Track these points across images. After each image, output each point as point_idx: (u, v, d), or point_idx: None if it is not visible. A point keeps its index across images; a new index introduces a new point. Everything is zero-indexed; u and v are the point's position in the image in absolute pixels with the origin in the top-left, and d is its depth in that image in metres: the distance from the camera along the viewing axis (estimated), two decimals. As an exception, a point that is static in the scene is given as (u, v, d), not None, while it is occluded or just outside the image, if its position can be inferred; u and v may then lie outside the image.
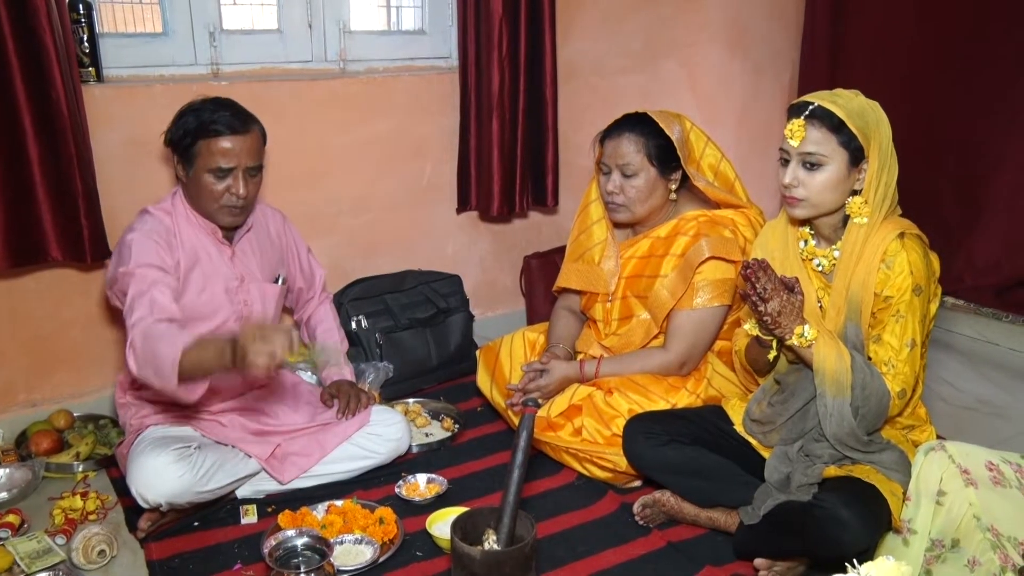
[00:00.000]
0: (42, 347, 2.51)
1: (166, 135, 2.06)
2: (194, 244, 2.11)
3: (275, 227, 2.34)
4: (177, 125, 2.03)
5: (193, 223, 2.12)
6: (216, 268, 2.14)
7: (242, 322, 1.94)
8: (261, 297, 2.23)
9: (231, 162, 2.01)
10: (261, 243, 2.27)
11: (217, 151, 2.00)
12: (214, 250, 2.14)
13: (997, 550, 1.74)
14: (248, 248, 2.23)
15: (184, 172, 2.05)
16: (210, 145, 1.99)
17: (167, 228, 2.07)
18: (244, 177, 2.04)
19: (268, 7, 2.76)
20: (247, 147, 2.03)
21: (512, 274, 3.33)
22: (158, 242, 2.03)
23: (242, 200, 2.06)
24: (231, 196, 2.05)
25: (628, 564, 1.99)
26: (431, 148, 3.02)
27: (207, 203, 2.06)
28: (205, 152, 2.00)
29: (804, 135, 1.80)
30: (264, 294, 2.24)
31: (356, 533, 1.99)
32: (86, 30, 2.37)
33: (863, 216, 1.84)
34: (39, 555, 1.92)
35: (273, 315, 2.28)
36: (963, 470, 1.79)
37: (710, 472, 2.06)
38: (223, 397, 2.21)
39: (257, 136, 2.07)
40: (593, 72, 3.28)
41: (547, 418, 2.33)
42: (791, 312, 1.81)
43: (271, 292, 2.27)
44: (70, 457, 2.32)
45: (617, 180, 2.33)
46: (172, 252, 2.06)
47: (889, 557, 1.22)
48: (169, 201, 2.13)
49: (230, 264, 2.17)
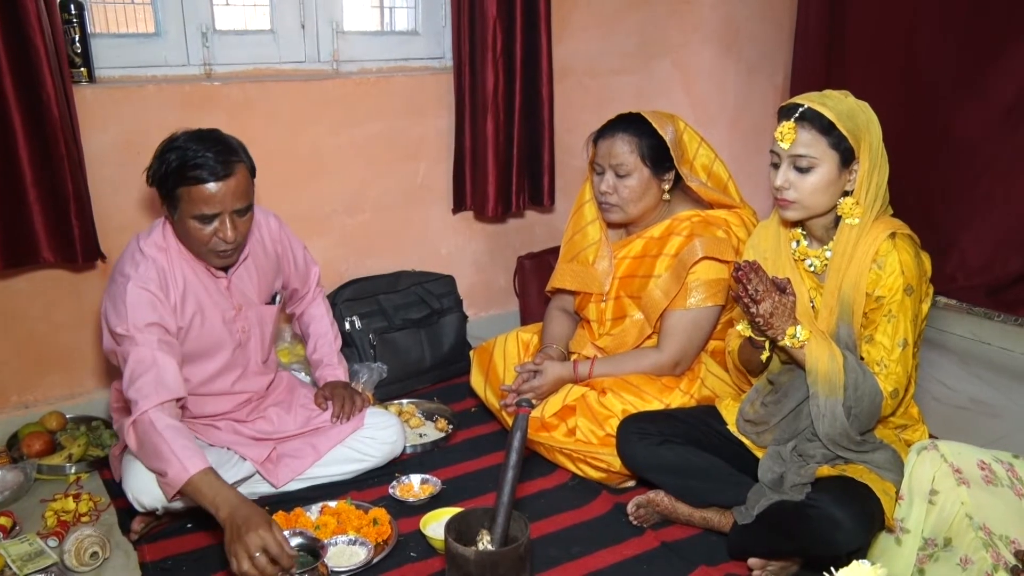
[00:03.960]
0: (34, 348, 2.50)
1: (148, 173, 1.94)
2: (188, 279, 2.04)
3: (271, 237, 2.25)
4: (160, 163, 1.90)
5: (186, 256, 2.03)
6: (213, 300, 2.08)
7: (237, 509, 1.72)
8: (259, 321, 2.20)
9: (215, 208, 1.89)
10: (258, 265, 2.19)
11: (199, 198, 1.87)
12: (209, 283, 2.07)
13: (989, 549, 1.74)
14: (244, 275, 2.15)
15: (169, 214, 1.96)
16: (191, 192, 1.87)
17: (160, 268, 1.98)
18: (231, 220, 1.92)
19: (261, 7, 2.75)
20: (232, 190, 1.89)
21: (506, 275, 3.33)
22: (154, 293, 1.94)
23: (231, 244, 1.95)
24: (219, 240, 1.94)
25: (622, 564, 2.00)
26: (425, 149, 3.02)
27: (196, 247, 1.97)
28: (187, 198, 1.88)
29: (794, 137, 1.81)
30: (262, 317, 2.21)
31: (350, 534, 1.99)
32: (78, 30, 2.37)
33: (855, 217, 1.84)
34: (31, 557, 1.91)
35: (271, 333, 2.26)
36: (955, 469, 1.80)
37: (704, 472, 2.06)
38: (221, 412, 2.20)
39: (243, 175, 1.93)
40: (586, 72, 3.28)
41: (541, 418, 2.33)
42: (783, 313, 1.82)
43: (268, 314, 2.23)
44: (62, 459, 2.31)
45: (610, 180, 2.33)
46: (168, 296, 1.98)
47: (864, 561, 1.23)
48: (160, 233, 2.02)
49: (226, 294, 2.11)
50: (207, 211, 1.89)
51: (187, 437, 1.85)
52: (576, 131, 3.09)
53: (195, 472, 1.78)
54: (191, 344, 2.06)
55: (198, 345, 2.08)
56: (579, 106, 3.26)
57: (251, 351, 2.20)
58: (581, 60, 3.25)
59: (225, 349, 2.13)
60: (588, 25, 3.23)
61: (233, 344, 2.14)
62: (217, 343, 2.11)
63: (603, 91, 3.32)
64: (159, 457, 1.82)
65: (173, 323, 1.99)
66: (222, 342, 2.12)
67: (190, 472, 1.78)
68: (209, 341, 2.10)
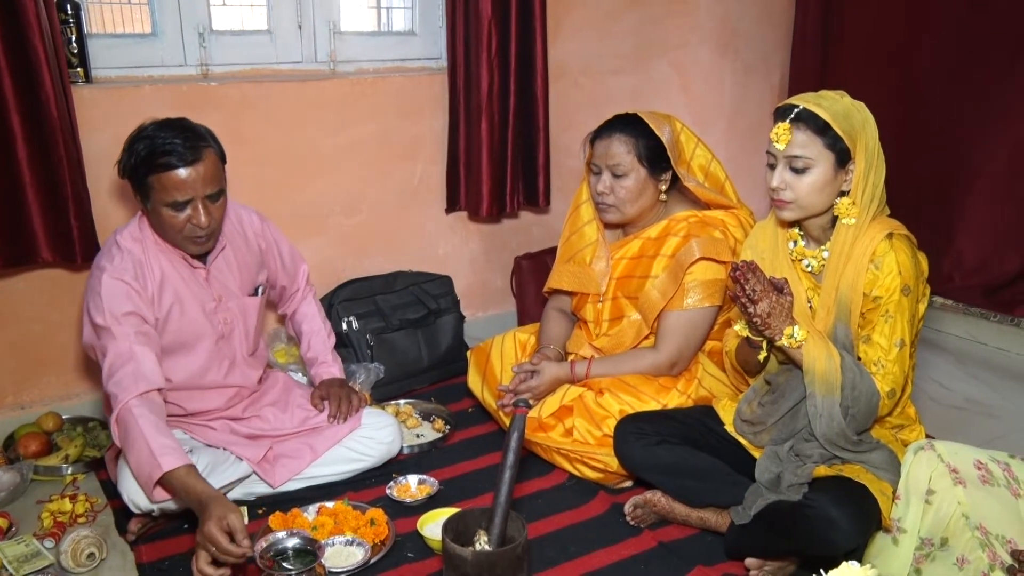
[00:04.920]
0: (31, 349, 2.50)
1: (119, 165, 1.95)
2: (165, 270, 2.04)
3: (252, 231, 2.26)
4: (129, 154, 1.92)
5: (163, 248, 2.04)
6: (191, 291, 2.08)
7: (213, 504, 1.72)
8: (242, 313, 2.20)
9: (187, 194, 1.90)
10: (238, 256, 2.20)
11: (170, 184, 1.89)
12: (187, 273, 2.08)
13: (986, 548, 1.75)
14: (223, 266, 2.15)
15: (142, 204, 1.97)
16: (162, 179, 1.88)
17: (136, 260, 1.99)
18: (204, 206, 1.94)
19: (258, 8, 2.75)
20: (202, 175, 1.91)
21: (503, 275, 3.33)
22: (129, 283, 1.96)
23: (205, 229, 1.96)
24: (193, 227, 1.95)
25: (619, 564, 2.00)
26: (422, 149, 3.02)
27: (171, 235, 1.98)
28: (158, 186, 1.89)
29: (790, 138, 1.81)
30: (244, 309, 2.21)
31: (347, 534, 1.99)
32: (74, 31, 2.36)
33: (851, 217, 1.84)
34: (27, 558, 1.91)
35: (255, 325, 2.25)
36: (952, 469, 1.80)
37: (701, 472, 2.06)
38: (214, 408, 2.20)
39: (212, 160, 1.94)
40: (583, 73, 3.29)
41: (538, 419, 2.33)
42: (780, 313, 1.82)
43: (251, 306, 2.23)
44: (59, 460, 2.31)
45: (607, 181, 2.33)
46: (145, 287, 1.99)
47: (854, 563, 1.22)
48: (136, 225, 2.04)
49: (205, 285, 2.11)
50: (179, 197, 1.90)
51: (166, 435, 1.85)
52: (572, 131, 3.09)
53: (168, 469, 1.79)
54: (171, 335, 2.06)
55: (178, 336, 2.07)
56: (575, 106, 3.26)
57: (236, 343, 2.20)
58: (577, 60, 3.25)
59: (206, 340, 2.12)
60: (584, 25, 3.23)
61: (215, 335, 2.13)
62: (198, 334, 2.11)
63: (599, 91, 3.32)
64: (137, 452, 1.82)
65: (151, 313, 1.99)
66: (203, 333, 2.11)
67: (163, 469, 1.79)
68: (189, 332, 2.09)
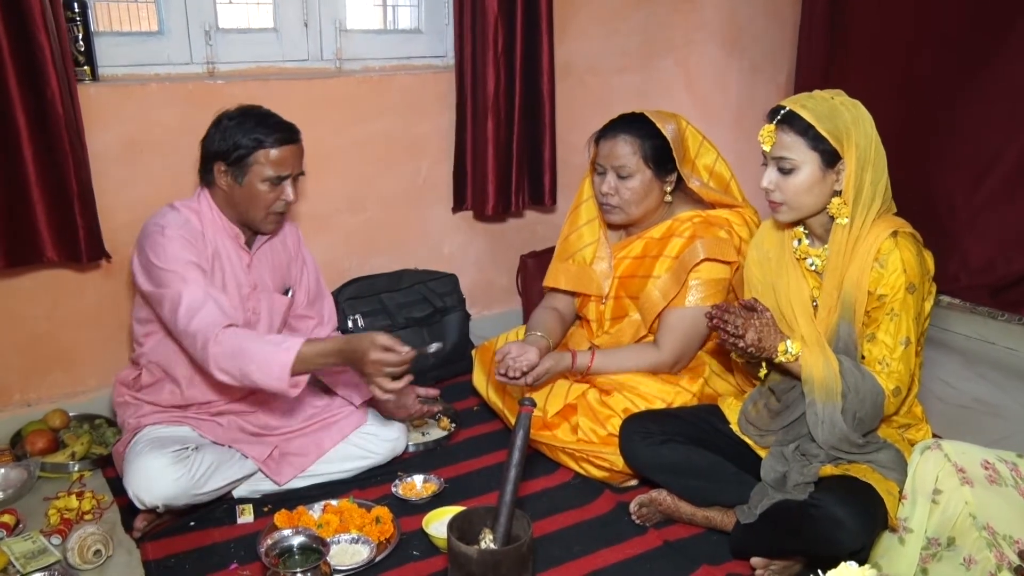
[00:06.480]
0: (38, 347, 2.50)
1: (209, 146, 2.08)
2: (217, 247, 2.12)
3: (292, 240, 2.35)
4: (225, 137, 2.04)
5: (218, 226, 2.13)
6: (235, 273, 2.15)
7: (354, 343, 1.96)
8: (269, 308, 2.23)
9: (286, 170, 2.07)
10: (276, 254, 2.28)
11: (275, 160, 2.05)
12: (235, 256, 2.16)
13: (993, 548, 1.74)
14: (265, 258, 2.24)
15: (233, 180, 2.07)
16: (270, 155, 2.04)
17: (194, 228, 2.08)
18: (294, 184, 2.11)
19: (264, 6, 2.75)
20: (299, 154, 2.11)
21: (508, 273, 3.33)
22: (191, 240, 2.05)
23: (288, 205, 2.12)
24: (281, 203, 2.10)
25: (625, 563, 2.00)
26: (427, 147, 3.02)
27: (255, 211, 2.10)
28: (264, 161, 2.04)
29: (774, 140, 1.83)
30: (272, 305, 2.24)
31: (352, 532, 1.99)
32: (81, 29, 2.36)
33: (844, 216, 1.84)
34: (34, 555, 1.92)
35: (279, 325, 2.28)
36: (959, 469, 1.80)
37: (706, 471, 2.06)
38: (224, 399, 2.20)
39: (302, 143, 2.13)
40: (589, 71, 3.28)
41: (543, 417, 2.33)
42: (769, 333, 1.84)
43: (279, 304, 2.27)
44: (65, 457, 2.31)
45: (612, 181, 2.32)
46: (204, 249, 2.08)
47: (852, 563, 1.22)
48: (196, 200, 2.13)
49: (246, 271, 2.18)
50: (282, 172, 2.06)
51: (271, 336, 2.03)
52: (578, 130, 3.08)
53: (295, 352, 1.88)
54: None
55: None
56: (581, 105, 3.25)
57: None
58: (583, 59, 3.25)
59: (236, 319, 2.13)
60: (590, 24, 3.23)
61: (243, 320, 2.16)
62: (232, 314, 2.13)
63: (605, 90, 3.32)
64: (259, 357, 1.89)
65: (208, 269, 2.06)
66: (234, 315, 2.12)
67: (292, 352, 1.88)
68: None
